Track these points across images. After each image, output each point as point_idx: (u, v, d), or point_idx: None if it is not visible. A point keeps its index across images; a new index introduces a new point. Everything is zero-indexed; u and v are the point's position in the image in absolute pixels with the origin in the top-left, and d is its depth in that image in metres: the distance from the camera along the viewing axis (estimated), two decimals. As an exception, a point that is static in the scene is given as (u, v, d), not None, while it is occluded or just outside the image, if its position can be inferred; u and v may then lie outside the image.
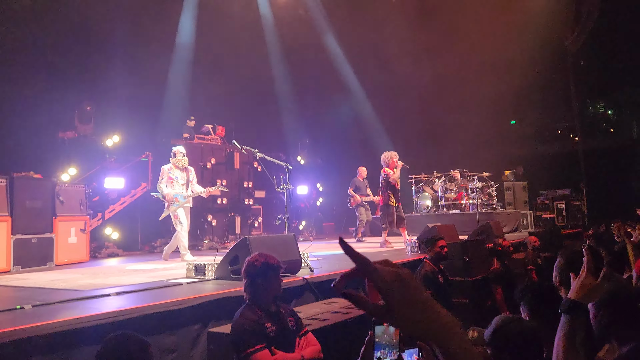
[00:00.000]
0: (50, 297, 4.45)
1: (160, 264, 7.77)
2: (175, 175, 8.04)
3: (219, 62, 14.06)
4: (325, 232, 15.93)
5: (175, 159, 8.07)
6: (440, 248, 5.43)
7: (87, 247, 8.87)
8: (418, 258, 7.02)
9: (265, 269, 3.22)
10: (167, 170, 8.06)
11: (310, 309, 4.56)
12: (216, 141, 12.86)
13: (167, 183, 7.99)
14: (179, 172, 8.08)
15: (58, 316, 3.49)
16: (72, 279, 6.10)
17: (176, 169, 8.05)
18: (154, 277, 6.01)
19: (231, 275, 5.20)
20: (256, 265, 3.24)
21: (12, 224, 7.42)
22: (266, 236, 6.65)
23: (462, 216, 13.38)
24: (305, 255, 5.93)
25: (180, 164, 8.08)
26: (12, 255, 7.32)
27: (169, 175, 8.02)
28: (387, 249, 9.46)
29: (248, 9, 15.26)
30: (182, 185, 8.10)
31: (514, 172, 17.08)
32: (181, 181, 8.10)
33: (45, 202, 8.09)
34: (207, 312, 4.13)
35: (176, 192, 7.97)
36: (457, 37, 16.90)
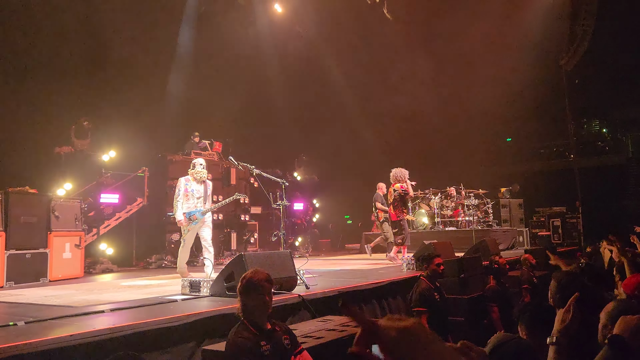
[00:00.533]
0: (43, 314, 4.40)
1: (155, 280, 7.72)
2: (192, 189, 7.68)
3: (217, 78, 14.13)
4: (321, 249, 15.89)
5: (194, 171, 7.74)
6: (436, 265, 5.41)
7: (82, 263, 8.81)
8: (414, 275, 7.01)
9: (251, 287, 3.19)
10: (184, 182, 7.71)
11: (305, 326, 4.53)
12: (213, 157, 12.88)
13: (183, 198, 7.59)
14: (197, 185, 7.72)
15: (51, 333, 3.46)
16: (66, 295, 6.05)
17: (194, 181, 7.71)
18: (149, 293, 5.96)
19: (226, 292, 5.16)
20: (242, 284, 3.23)
21: (6, 239, 7.38)
22: (262, 253, 6.62)
23: (458, 233, 13.39)
24: (301, 272, 5.90)
25: (198, 176, 7.73)
26: (5, 271, 7.26)
27: (186, 188, 7.66)
28: (390, 265, 9.41)
29: (247, 26, 15.39)
30: (198, 199, 7.69)
31: (510, 189, 17.13)
32: (197, 194, 7.70)
33: (40, 217, 8.05)
34: (202, 330, 4.09)
35: (191, 208, 7.58)
36: (454, 58, 17.08)
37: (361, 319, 0.91)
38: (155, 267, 10.61)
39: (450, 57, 17.24)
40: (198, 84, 14.05)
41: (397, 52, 17.94)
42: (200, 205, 7.65)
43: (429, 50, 17.44)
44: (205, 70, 14.26)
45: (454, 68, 17.38)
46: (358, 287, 5.95)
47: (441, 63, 17.40)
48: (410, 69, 17.70)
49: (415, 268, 7.81)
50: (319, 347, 3.82)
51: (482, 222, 14.26)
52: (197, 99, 13.82)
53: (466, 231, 13.49)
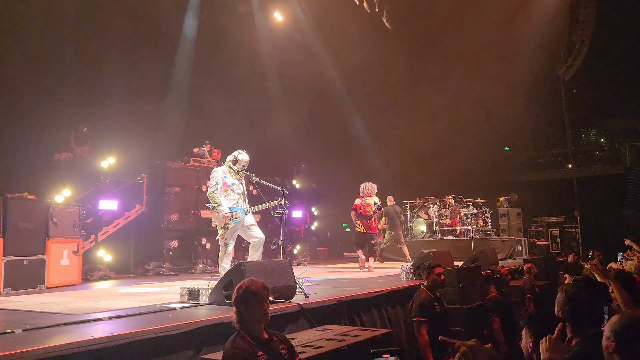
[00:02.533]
0: (41, 321, 4.37)
1: (153, 287, 7.69)
2: (232, 182, 6.85)
3: (216, 85, 14.16)
4: (319, 257, 15.85)
5: (236, 166, 6.90)
6: (437, 275, 5.39)
7: (80, 270, 8.77)
8: (413, 284, 6.99)
9: (247, 296, 3.17)
10: (222, 174, 6.81)
11: (304, 335, 4.51)
12: (212, 164, 12.86)
13: (221, 191, 6.74)
14: (235, 180, 6.90)
15: (49, 341, 3.44)
16: (64, 302, 6.02)
17: (232, 175, 6.90)
18: (147, 301, 5.93)
19: (225, 300, 5.13)
20: (239, 293, 3.20)
21: (4, 245, 7.35)
22: (261, 261, 6.56)
23: (457, 242, 13.38)
24: (300, 281, 5.88)
25: (237, 176, 6.92)
26: (3, 277, 7.23)
27: (225, 181, 6.79)
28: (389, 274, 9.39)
29: (246, 33, 15.44)
30: (239, 194, 6.83)
31: (509, 198, 17.15)
32: (238, 190, 6.86)
33: (38, 223, 8.02)
34: (201, 338, 4.07)
35: (232, 204, 6.71)
36: (452, 68, 17.16)
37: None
38: (153, 274, 10.57)
39: (448, 67, 17.31)
40: (198, 91, 14.07)
41: (396, 61, 18.00)
42: (241, 203, 6.86)
43: (428, 60, 17.52)
44: (204, 77, 14.28)
45: (452, 78, 17.44)
46: (357, 296, 5.94)
47: (439, 73, 17.47)
48: (410, 79, 17.77)
49: (414, 277, 7.79)
50: (318, 356, 3.81)
51: (481, 232, 14.26)
52: (196, 106, 13.83)
53: (465, 240, 13.49)
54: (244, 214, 6.77)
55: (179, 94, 13.93)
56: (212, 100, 13.65)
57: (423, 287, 5.47)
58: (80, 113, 11.07)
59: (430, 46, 17.46)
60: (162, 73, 13.58)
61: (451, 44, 16.96)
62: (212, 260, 11.66)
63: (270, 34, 16.38)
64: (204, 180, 12.28)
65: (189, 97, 13.92)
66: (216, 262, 11.68)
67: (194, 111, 13.78)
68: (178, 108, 13.74)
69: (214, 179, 6.75)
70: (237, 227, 6.77)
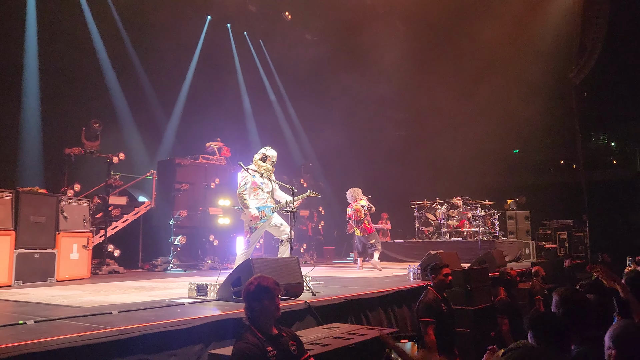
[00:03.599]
0: (52, 313, 4.44)
1: (162, 282, 7.75)
2: (262, 181, 6.74)
3: (226, 84, 14.23)
4: (325, 256, 15.87)
5: (264, 164, 6.77)
6: (444, 276, 5.39)
7: (89, 264, 8.85)
8: (420, 285, 7.00)
9: (259, 292, 3.19)
10: (251, 173, 6.72)
11: (311, 333, 4.54)
12: (221, 162, 12.93)
13: (251, 191, 6.65)
14: (263, 179, 6.79)
15: (60, 333, 3.48)
16: (74, 295, 6.08)
17: (259, 174, 6.75)
18: (156, 295, 5.99)
19: (233, 296, 5.18)
20: (250, 289, 3.22)
21: (16, 238, 7.43)
22: (269, 258, 6.61)
23: (464, 244, 13.34)
24: (307, 279, 5.91)
25: (267, 174, 6.77)
26: (14, 270, 7.31)
27: (254, 180, 6.69)
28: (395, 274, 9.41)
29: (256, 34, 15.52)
30: (268, 193, 6.75)
31: (517, 201, 17.07)
32: (267, 189, 6.75)
33: (49, 217, 8.09)
34: (209, 333, 4.11)
35: (261, 203, 6.63)
36: (461, 69, 17.10)
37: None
38: (161, 269, 10.66)
39: (457, 68, 17.26)
40: (208, 88, 14.14)
41: (404, 62, 17.97)
42: (270, 201, 6.74)
43: (436, 62, 17.46)
44: (216, 76, 14.35)
45: (461, 79, 17.40)
46: (364, 295, 5.96)
47: (448, 73, 17.41)
48: (418, 80, 17.73)
49: (421, 278, 7.79)
50: (325, 354, 3.83)
51: (488, 234, 14.22)
52: (206, 104, 13.90)
53: (472, 242, 13.45)
54: (271, 212, 6.69)
55: (189, 92, 14.00)
56: (222, 99, 13.73)
57: (430, 287, 5.47)
58: (92, 109, 11.15)
59: (439, 47, 17.41)
60: (174, 71, 13.66)
61: (462, 45, 16.90)
62: (220, 257, 11.73)
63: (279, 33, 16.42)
64: (213, 178, 12.35)
65: (199, 96, 13.98)
66: (223, 259, 11.81)
67: (203, 109, 13.84)
68: (187, 106, 13.81)
69: (243, 178, 6.65)
70: (264, 227, 6.71)
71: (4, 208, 7.37)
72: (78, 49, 11.22)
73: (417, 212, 14.89)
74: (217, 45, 14.82)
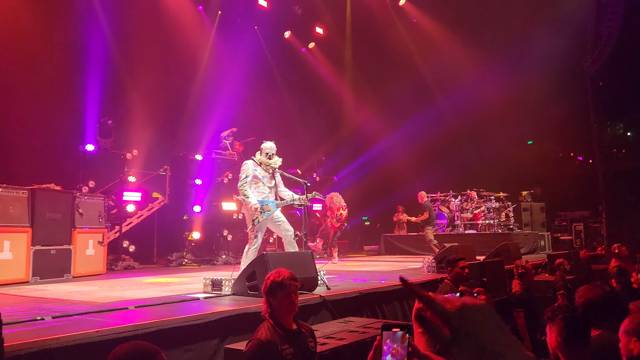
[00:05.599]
0: (69, 309, 4.48)
1: (177, 278, 7.79)
2: (263, 175, 6.64)
3: (237, 80, 14.22)
4: (339, 250, 15.82)
5: (262, 156, 6.66)
6: (461, 269, 5.34)
7: (105, 260, 8.93)
8: (435, 278, 6.96)
9: (276, 286, 3.16)
10: (252, 166, 6.61)
11: (327, 327, 4.53)
12: (233, 157, 12.95)
13: (251, 184, 6.58)
14: (265, 173, 6.68)
15: (78, 329, 3.50)
16: (90, 291, 6.14)
17: (261, 168, 6.67)
18: (171, 291, 6.03)
19: (248, 291, 5.19)
20: (268, 283, 3.20)
21: (33, 235, 7.51)
22: (284, 253, 6.58)
23: (479, 236, 13.25)
24: (322, 273, 5.91)
25: (269, 169, 6.66)
26: (32, 266, 7.39)
27: (255, 173, 6.60)
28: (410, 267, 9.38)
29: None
30: (270, 188, 6.67)
31: (532, 192, 16.89)
32: (268, 183, 6.66)
33: (64, 214, 8.17)
34: (225, 328, 4.12)
35: (263, 197, 6.53)
36: (475, 60, 16.93)
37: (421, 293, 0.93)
38: (176, 265, 10.73)
39: (470, 59, 17.09)
40: (219, 85, 14.14)
41: (416, 54, 17.87)
42: (272, 196, 6.66)
43: (450, 52, 17.32)
44: (226, 73, 14.36)
45: (475, 69, 17.23)
46: (379, 288, 5.94)
47: (462, 64, 17.26)
48: (430, 72, 17.61)
49: (436, 270, 7.75)
50: (341, 348, 3.82)
51: (503, 226, 14.10)
52: (218, 99, 13.91)
53: (487, 235, 13.36)
54: (275, 207, 6.59)
55: (201, 88, 14.00)
56: (234, 93, 13.73)
57: (447, 280, 5.43)
58: (106, 106, 11.22)
59: (450, 39, 17.26)
60: (185, 68, 13.68)
61: (472, 37, 16.73)
62: (234, 252, 11.77)
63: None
64: (226, 173, 12.38)
65: (211, 91, 13.98)
66: (237, 253, 11.83)
67: (215, 105, 13.85)
68: (200, 101, 13.82)
69: (244, 171, 6.59)
70: (267, 221, 6.58)
71: (21, 205, 7.45)
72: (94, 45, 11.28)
73: (433, 204, 14.80)
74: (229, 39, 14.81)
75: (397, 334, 1.26)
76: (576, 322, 2.51)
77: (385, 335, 1.26)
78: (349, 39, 17.66)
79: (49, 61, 10.25)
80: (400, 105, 17.89)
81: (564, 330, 2.50)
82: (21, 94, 9.76)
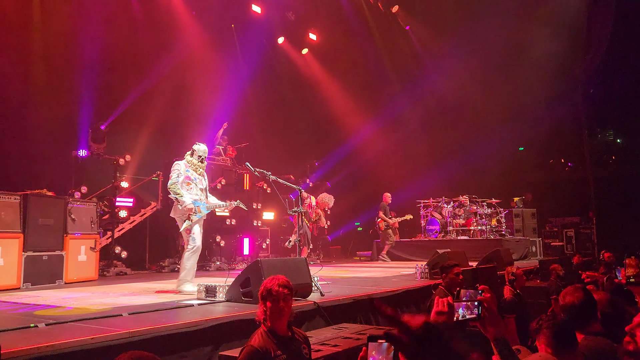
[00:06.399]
0: (62, 316, 4.46)
1: (170, 284, 7.76)
2: (195, 177, 6.53)
3: (231, 85, 14.24)
4: (331, 256, 15.86)
5: (194, 158, 6.58)
6: (455, 275, 5.37)
7: (97, 266, 8.88)
8: (427, 284, 6.99)
9: (270, 293, 3.18)
10: (184, 167, 6.50)
11: (320, 333, 4.54)
12: (226, 162, 12.94)
13: (183, 184, 6.43)
14: (196, 175, 6.60)
15: (72, 335, 3.49)
16: (83, 297, 6.11)
17: (192, 170, 6.57)
18: (164, 297, 6.01)
19: (242, 297, 5.19)
20: (270, 290, 3.19)
21: (24, 241, 7.46)
22: (278, 259, 6.61)
23: (471, 242, 13.32)
24: (315, 279, 5.92)
25: (198, 169, 6.60)
26: (23, 272, 7.34)
27: (187, 174, 6.48)
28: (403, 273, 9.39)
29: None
30: (202, 190, 6.57)
31: (523, 198, 17.01)
32: (200, 185, 6.57)
33: (57, 219, 8.13)
34: (219, 335, 4.12)
35: (195, 198, 6.41)
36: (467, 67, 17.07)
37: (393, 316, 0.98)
38: (168, 270, 10.67)
39: (462, 65, 17.23)
40: (211, 90, 14.15)
41: (409, 60, 17.99)
42: (204, 198, 6.58)
43: (442, 59, 17.46)
44: (221, 77, 14.37)
45: (467, 76, 17.37)
46: (372, 294, 5.95)
47: (454, 71, 17.39)
48: (423, 78, 17.74)
49: (429, 277, 7.78)
50: (335, 355, 3.83)
51: (495, 232, 14.18)
52: (211, 104, 13.91)
53: (479, 240, 13.42)
54: (206, 210, 6.51)
55: (194, 93, 13.99)
56: (228, 99, 13.73)
57: (441, 286, 5.46)
58: (98, 111, 11.19)
59: (442, 46, 17.40)
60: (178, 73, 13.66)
61: (465, 45, 16.87)
62: (227, 258, 11.75)
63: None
64: (219, 178, 12.36)
65: (204, 96, 13.98)
66: (230, 259, 11.81)
67: (208, 110, 13.84)
68: (192, 107, 13.80)
69: (175, 170, 6.43)
70: (199, 222, 6.50)
71: (13, 211, 7.41)
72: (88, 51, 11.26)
73: (423, 211, 14.86)
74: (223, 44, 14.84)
75: (382, 345, 1.27)
76: (562, 331, 2.54)
77: (370, 347, 1.28)
78: (343, 45, 17.72)
79: (41, 66, 10.23)
80: (393, 111, 17.99)
81: (552, 340, 2.53)
82: (13, 99, 9.72)
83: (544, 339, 2.56)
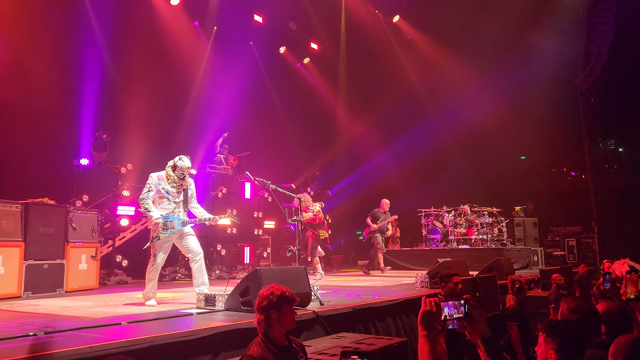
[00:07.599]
0: (62, 325, 4.46)
1: (170, 293, 7.77)
2: (168, 190, 6.22)
3: (232, 95, 14.30)
4: (333, 265, 15.84)
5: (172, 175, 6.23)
6: (454, 284, 5.38)
7: (97, 274, 8.88)
8: (428, 293, 6.97)
9: (280, 302, 3.17)
10: (156, 180, 6.23)
11: (319, 343, 4.53)
12: (227, 171, 12.97)
13: (155, 199, 6.17)
14: (172, 189, 6.26)
15: (71, 344, 3.50)
16: (83, 306, 6.11)
17: (169, 183, 6.25)
18: (164, 306, 6.01)
19: (241, 306, 5.19)
20: (271, 299, 3.18)
21: (25, 249, 7.48)
22: (277, 268, 6.58)
23: (472, 251, 13.28)
24: (315, 288, 5.92)
25: (174, 184, 6.24)
26: (24, 281, 7.35)
27: (159, 188, 6.20)
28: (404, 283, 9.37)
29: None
30: (176, 204, 6.23)
31: (524, 208, 16.99)
32: (175, 199, 6.24)
33: (58, 228, 8.14)
34: (218, 344, 4.12)
35: (167, 212, 6.14)
36: (467, 75, 17.13)
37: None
38: (169, 279, 10.68)
39: (463, 75, 17.29)
40: (214, 99, 14.22)
41: (410, 70, 18.06)
42: (179, 212, 6.24)
43: (443, 68, 17.52)
44: (221, 87, 14.43)
45: (468, 85, 17.42)
46: (372, 304, 5.95)
47: (455, 80, 17.46)
48: (424, 87, 17.79)
49: (429, 286, 7.77)
50: (334, 364, 3.83)
51: (496, 241, 14.16)
52: (213, 115, 13.97)
53: (480, 250, 13.40)
54: (181, 225, 6.16)
55: (196, 104, 14.06)
56: (228, 109, 13.80)
57: (440, 295, 5.45)
58: (100, 120, 11.24)
59: (443, 55, 17.47)
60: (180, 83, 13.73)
61: (466, 52, 16.95)
62: (227, 267, 11.74)
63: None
64: (220, 187, 12.40)
65: (206, 107, 14.04)
66: (231, 267, 11.81)
67: (210, 120, 13.90)
68: (194, 117, 13.86)
69: (147, 185, 6.22)
70: (171, 238, 6.20)
71: (14, 219, 7.43)
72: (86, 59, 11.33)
73: (424, 220, 14.85)
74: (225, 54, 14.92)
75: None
76: (574, 340, 2.52)
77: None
78: (344, 54, 17.81)
79: (44, 75, 10.29)
80: (393, 121, 18.03)
81: (561, 346, 2.50)
82: (15, 107, 9.76)
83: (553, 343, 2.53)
